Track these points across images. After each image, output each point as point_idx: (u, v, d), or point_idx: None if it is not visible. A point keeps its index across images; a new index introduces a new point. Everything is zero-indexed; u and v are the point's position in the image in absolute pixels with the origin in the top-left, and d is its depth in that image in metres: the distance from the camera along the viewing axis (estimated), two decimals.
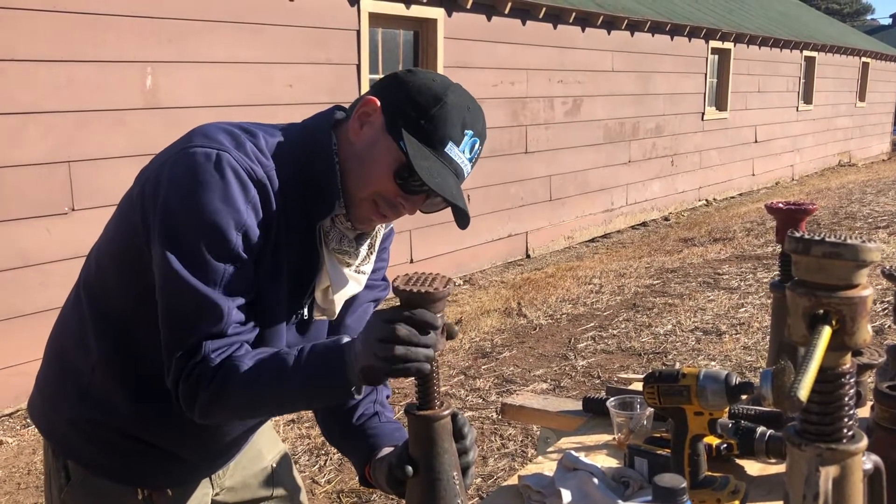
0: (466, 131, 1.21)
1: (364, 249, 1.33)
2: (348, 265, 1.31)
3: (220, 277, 1.15)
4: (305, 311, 1.32)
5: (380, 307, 1.16)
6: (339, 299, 1.33)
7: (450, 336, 1.10)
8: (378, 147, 1.21)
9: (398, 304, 1.08)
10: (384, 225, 1.38)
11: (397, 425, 1.42)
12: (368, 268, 1.37)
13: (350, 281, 1.33)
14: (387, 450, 1.33)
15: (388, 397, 1.49)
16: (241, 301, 1.18)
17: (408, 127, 1.19)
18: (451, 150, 1.20)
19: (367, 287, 1.41)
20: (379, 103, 1.22)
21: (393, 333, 1.04)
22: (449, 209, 1.23)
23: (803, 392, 0.72)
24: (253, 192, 1.17)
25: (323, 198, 1.23)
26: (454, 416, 1.17)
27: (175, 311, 1.17)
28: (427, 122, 1.18)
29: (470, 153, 1.23)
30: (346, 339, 1.14)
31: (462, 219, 1.22)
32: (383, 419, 1.42)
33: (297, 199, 1.22)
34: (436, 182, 1.16)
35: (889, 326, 4.63)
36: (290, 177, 1.22)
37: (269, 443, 1.63)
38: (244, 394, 1.15)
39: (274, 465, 1.61)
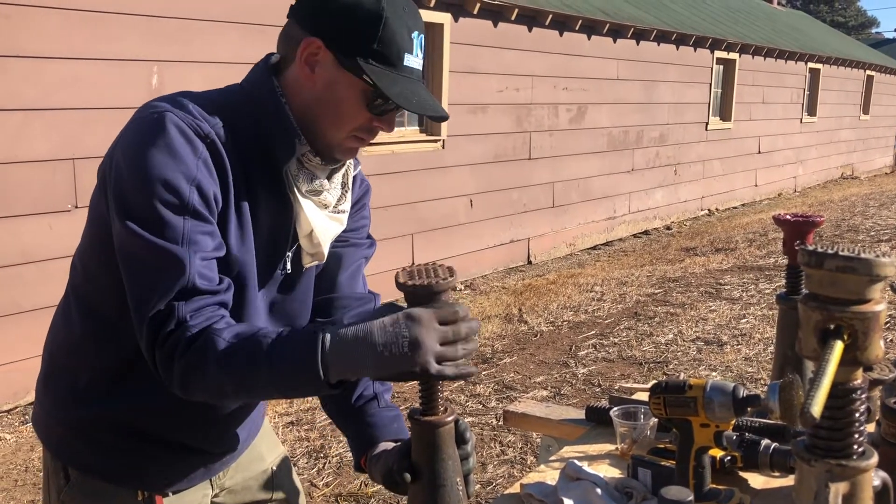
0: (412, 35, 1.19)
1: (337, 188, 1.32)
2: (325, 207, 1.29)
3: (179, 233, 1.10)
4: (289, 265, 1.30)
5: (386, 311, 1.11)
6: (325, 241, 1.31)
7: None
8: (339, 85, 1.18)
9: (404, 300, 1.08)
10: (353, 161, 1.36)
11: (395, 412, 1.40)
12: (346, 206, 1.35)
13: (331, 221, 1.31)
14: (385, 444, 1.32)
15: None
16: (206, 255, 1.13)
17: (363, 56, 1.16)
18: (408, 60, 1.19)
19: (353, 245, 1.41)
20: (321, 41, 1.18)
21: (457, 335, 1.03)
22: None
23: (817, 408, 0.71)
24: (201, 147, 1.14)
25: (281, 141, 1.21)
26: (456, 422, 1.16)
27: (137, 272, 1.12)
28: (378, 44, 1.16)
29: (421, 51, 1.22)
30: (326, 328, 1.06)
31: (439, 121, 1.23)
32: (382, 404, 1.40)
33: (254, 150, 1.20)
34: (413, 103, 1.16)
35: (892, 340, 4.62)
36: (240, 130, 1.19)
37: (269, 445, 1.62)
38: (219, 373, 1.08)
39: (274, 468, 1.60)
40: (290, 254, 1.29)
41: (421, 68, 1.22)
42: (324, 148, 1.24)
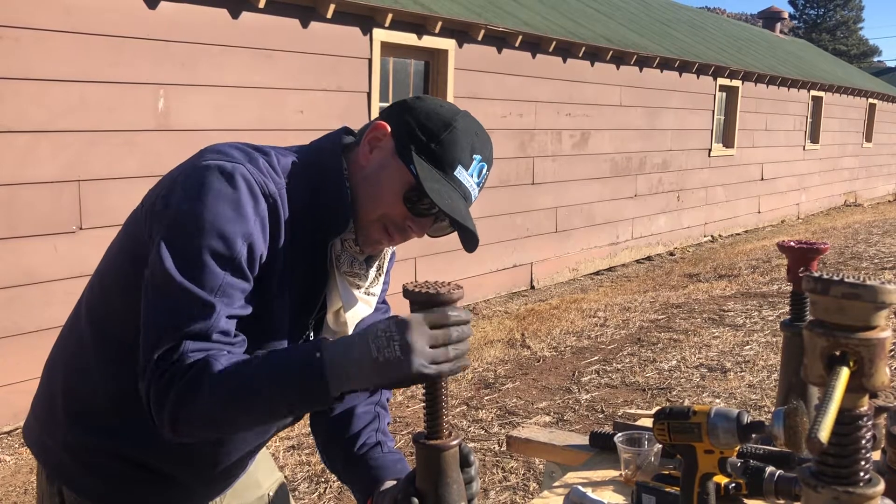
0: (475, 156, 1.23)
1: (373, 271, 1.34)
2: (358, 287, 1.31)
3: (217, 284, 1.11)
4: (311, 332, 1.31)
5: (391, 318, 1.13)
6: (352, 322, 1.33)
7: None
8: (388, 170, 1.22)
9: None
10: (392, 251, 1.38)
11: (399, 456, 1.41)
12: (377, 289, 1.37)
13: (361, 303, 1.32)
14: (389, 483, 1.32)
15: (388, 424, 1.49)
16: (232, 311, 1.13)
17: (418, 150, 1.20)
18: (461, 173, 1.21)
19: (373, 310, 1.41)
20: (389, 128, 1.23)
21: (447, 338, 1.04)
22: (455, 234, 1.24)
23: (824, 433, 0.71)
24: (263, 205, 1.16)
25: (334, 217, 1.23)
26: (459, 445, 1.16)
27: (162, 309, 1.11)
28: (437, 145, 1.20)
29: (478, 177, 1.24)
30: (329, 338, 1.08)
31: (470, 242, 1.22)
32: (385, 449, 1.41)
33: (308, 219, 1.22)
34: (445, 203, 1.17)
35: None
36: (300, 197, 1.21)
37: (266, 471, 1.61)
38: (214, 389, 1.07)
39: (271, 494, 1.59)
40: (312, 321, 1.30)
41: (472, 192, 1.23)
42: (357, 232, 1.26)
